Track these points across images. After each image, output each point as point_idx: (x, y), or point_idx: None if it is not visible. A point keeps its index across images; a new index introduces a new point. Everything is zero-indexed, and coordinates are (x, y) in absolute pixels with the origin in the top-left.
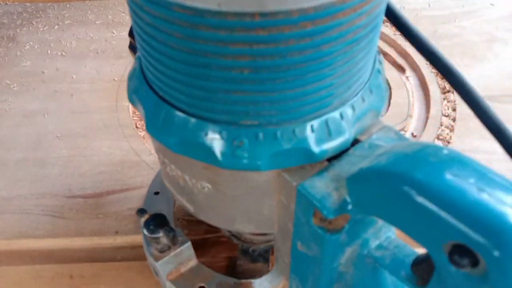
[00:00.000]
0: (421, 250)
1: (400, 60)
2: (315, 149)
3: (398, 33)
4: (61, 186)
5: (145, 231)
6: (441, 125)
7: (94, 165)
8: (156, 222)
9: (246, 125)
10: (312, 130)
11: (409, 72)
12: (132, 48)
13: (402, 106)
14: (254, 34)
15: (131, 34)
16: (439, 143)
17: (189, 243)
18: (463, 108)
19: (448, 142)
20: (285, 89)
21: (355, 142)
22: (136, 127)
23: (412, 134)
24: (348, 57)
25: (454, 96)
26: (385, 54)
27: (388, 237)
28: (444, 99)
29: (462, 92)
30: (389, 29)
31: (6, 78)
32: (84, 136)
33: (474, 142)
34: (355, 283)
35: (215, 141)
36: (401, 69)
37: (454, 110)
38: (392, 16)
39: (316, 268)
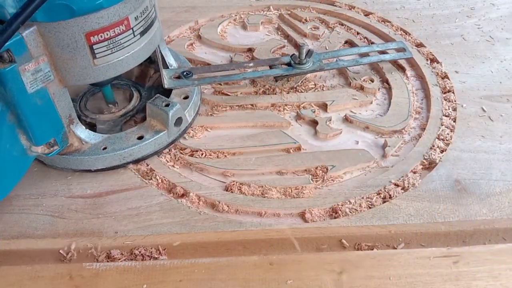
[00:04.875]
0: None
1: (401, 60)
2: (74, 6)
3: (398, 32)
4: (60, 186)
5: None
6: (442, 125)
7: None
8: None
9: None
10: None
11: (409, 72)
12: None
13: (402, 106)
14: None
15: None
16: (439, 143)
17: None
18: (463, 108)
19: (449, 142)
20: None
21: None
22: None
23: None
24: None
25: (455, 96)
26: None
27: None
28: (444, 99)
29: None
30: (389, 28)
31: None
32: None
33: (475, 142)
34: None
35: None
36: (401, 69)
37: (454, 110)
38: None
39: None
